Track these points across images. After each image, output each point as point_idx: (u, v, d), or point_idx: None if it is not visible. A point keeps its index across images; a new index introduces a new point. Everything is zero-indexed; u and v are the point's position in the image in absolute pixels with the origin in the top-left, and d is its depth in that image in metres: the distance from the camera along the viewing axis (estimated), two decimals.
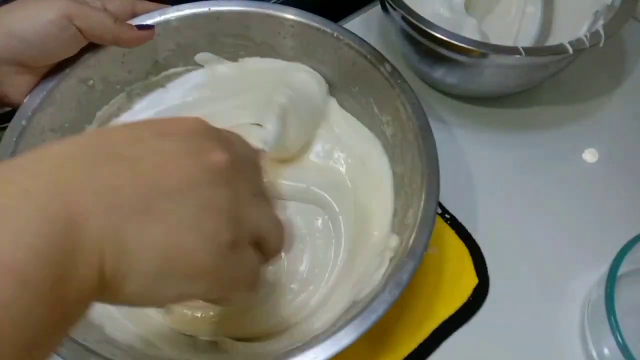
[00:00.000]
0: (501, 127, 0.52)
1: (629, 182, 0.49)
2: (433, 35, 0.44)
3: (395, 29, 0.49)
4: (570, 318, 0.42)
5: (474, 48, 0.43)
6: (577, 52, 0.43)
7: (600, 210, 0.47)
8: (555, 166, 0.50)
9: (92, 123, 0.46)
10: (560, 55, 0.44)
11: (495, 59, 0.44)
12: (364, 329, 0.32)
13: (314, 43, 0.46)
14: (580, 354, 0.41)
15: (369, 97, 0.45)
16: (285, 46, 0.47)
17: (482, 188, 0.48)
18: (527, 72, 0.48)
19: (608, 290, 0.37)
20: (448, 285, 0.43)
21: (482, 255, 0.45)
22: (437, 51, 0.45)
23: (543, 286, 0.43)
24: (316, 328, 0.37)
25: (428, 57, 0.48)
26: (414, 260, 0.35)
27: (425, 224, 0.36)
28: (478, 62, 0.45)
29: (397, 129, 0.43)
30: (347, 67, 0.45)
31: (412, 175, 0.40)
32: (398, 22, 0.47)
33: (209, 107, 0.49)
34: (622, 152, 0.51)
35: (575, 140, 0.51)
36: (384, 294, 0.34)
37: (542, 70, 0.48)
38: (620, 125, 0.52)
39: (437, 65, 0.48)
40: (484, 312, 0.42)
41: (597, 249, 0.44)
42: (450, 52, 0.45)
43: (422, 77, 0.54)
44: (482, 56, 0.44)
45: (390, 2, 0.46)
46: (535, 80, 0.50)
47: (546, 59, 0.45)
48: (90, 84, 0.45)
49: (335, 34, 0.45)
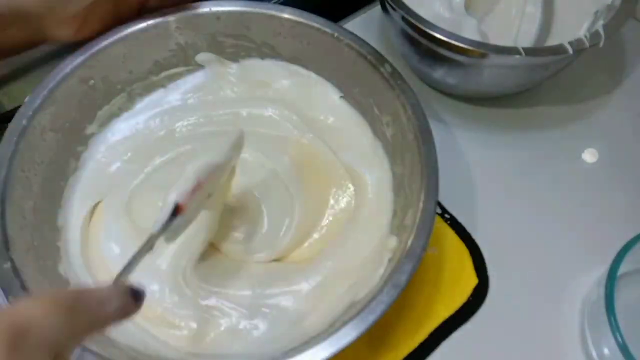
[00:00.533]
0: (501, 127, 0.52)
1: (629, 182, 0.49)
2: (432, 36, 0.44)
3: (395, 29, 0.49)
4: (570, 318, 0.42)
5: (474, 48, 0.43)
6: (577, 52, 0.43)
7: (600, 210, 0.47)
8: (555, 166, 0.50)
9: (92, 123, 0.46)
10: (560, 56, 0.44)
11: (495, 59, 0.44)
12: (362, 330, 0.32)
13: (314, 43, 0.46)
14: (580, 354, 0.41)
15: (369, 98, 0.46)
16: (286, 46, 0.47)
17: (482, 188, 0.48)
18: (527, 72, 0.48)
19: (608, 290, 0.37)
20: (448, 285, 0.43)
21: (482, 255, 0.45)
22: (436, 51, 0.45)
23: (543, 286, 0.43)
24: (314, 328, 0.37)
25: (428, 58, 0.48)
26: (412, 261, 0.35)
27: (425, 225, 0.36)
28: (478, 62, 0.45)
29: (397, 130, 0.43)
30: (347, 67, 0.45)
31: (412, 175, 0.40)
32: (398, 22, 0.47)
33: (209, 108, 0.49)
34: (622, 152, 0.50)
35: (575, 140, 0.51)
36: (382, 295, 0.34)
37: (542, 70, 0.48)
38: (620, 125, 0.52)
39: (437, 65, 0.48)
40: (484, 312, 0.42)
41: (597, 249, 0.44)
42: (450, 53, 0.45)
43: (422, 78, 0.54)
44: (481, 56, 0.44)
45: (390, 2, 0.46)
46: (535, 80, 0.50)
47: (546, 59, 0.45)
48: (91, 83, 0.45)
49: (335, 34, 0.45)
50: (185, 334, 0.39)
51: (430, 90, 0.54)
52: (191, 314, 0.40)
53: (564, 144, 0.51)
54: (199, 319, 0.40)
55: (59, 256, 0.41)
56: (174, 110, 0.49)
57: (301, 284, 0.41)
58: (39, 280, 0.37)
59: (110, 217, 0.44)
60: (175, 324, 0.40)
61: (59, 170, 0.44)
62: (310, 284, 0.41)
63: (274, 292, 0.41)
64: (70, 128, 0.44)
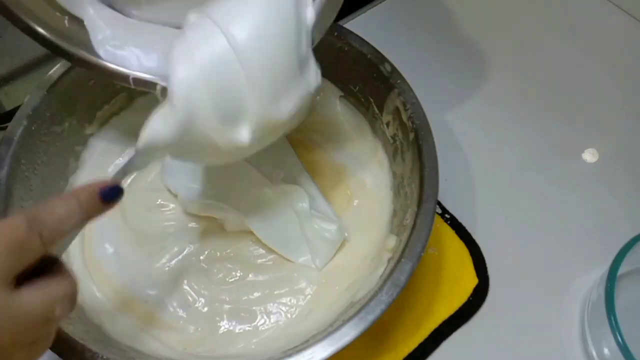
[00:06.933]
0: (501, 127, 0.52)
1: (629, 182, 0.48)
2: None
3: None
4: (570, 318, 0.42)
5: None
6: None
7: (600, 210, 0.47)
8: (555, 166, 0.50)
9: (92, 122, 0.46)
10: None
11: None
12: (362, 329, 0.33)
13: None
14: (580, 354, 0.41)
15: (369, 98, 0.45)
16: None
17: (482, 188, 0.48)
18: None
19: (608, 290, 0.37)
20: (448, 285, 0.43)
21: (482, 255, 0.45)
22: None
23: (543, 286, 0.43)
24: (314, 328, 0.37)
25: None
26: (412, 261, 0.35)
27: (424, 225, 0.36)
28: None
29: (397, 129, 0.43)
30: (347, 66, 0.45)
31: (412, 175, 0.40)
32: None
33: None
34: (622, 152, 0.50)
35: (575, 140, 0.51)
36: (381, 294, 0.34)
37: None
38: (620, 125, 0.52)
39: None
40: (484, 312, 0.42)
41: (597, 249, 0.44)
42: None
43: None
44: None
45: None
46: None
47: None
48: (91, 83, 0.45)
49: (335, 33, 0.45)
50: (185, 336, 0.39)
51: (430, 90, 0.54)
52: (191, 316, 0.40)
53: (564, 144, 0.51)
54: (199, 321, 0.40)
55: (59, 257, 0.41)
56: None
57: (301, 283, 0.41)
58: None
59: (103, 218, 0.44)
60: (175, 326, 0.40)
61: (59, 170, 0.44)
62: (310, 284, 0.41)
63: (274, 293, 0.41)
64: (70, 128, 0.44)
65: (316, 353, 0.32)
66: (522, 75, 0.55)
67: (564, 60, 0.56)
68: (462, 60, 0.56)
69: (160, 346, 0.38)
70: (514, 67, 0.56)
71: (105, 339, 0.36)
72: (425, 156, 0.39)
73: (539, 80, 0.55)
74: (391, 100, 0.43)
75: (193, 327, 0.40)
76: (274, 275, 0.42)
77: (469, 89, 0.54)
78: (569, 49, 0.57)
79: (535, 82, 0.55)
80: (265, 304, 0.40)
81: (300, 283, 0.41)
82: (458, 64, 0.56)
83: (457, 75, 0.55)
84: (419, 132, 0.40)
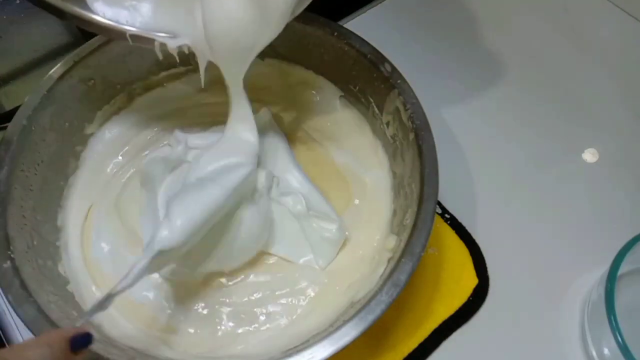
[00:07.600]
0: (501, 127, 0.52)
1: (629, 182, 0.48)
2: None
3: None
4: (570, 318, 0.42)
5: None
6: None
7: (600, 210, 0.47)
8: (555, 166, 0.50)
9: (92, 123, 0.46)
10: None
11: None
12: (362, 329, 0.33)
13: (314, 43, 0.46)
14: (580, 354, 0.41)
15: (369, 98, 0.45)
16: (286, 46, 0.47)
17: (482, 188, 0.48)
18: None
19: (608, 290, 0.37)
20: (448, 285, 0.43)
21: (482, 255, 0.45)
22: None
23: (543, 286, 0.43)
24: (314, 327, 0.37)
25: None
26: (412, 261, 0.35)
27: (425, 225, 0.36)
28: None
29: (397, 129, 0.43)
30: (348, 66, 0.45)
31: (412, 175, 0.40)
32: None
33: (209, 108, 0.49)
34: (622, 152, 0.50)
35: (575, 140, 0.51)
36: (381, 294, 0.34)
37: None
38: (620, 125, 0.52)
39: None
40: (484, 312, 0.42)
41: (597, 249, 0.44)
42: None
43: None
44: None
45: None
46: None
47: None
48: (91, 83, 0.45)
49: (335, 33, 0.45)
50: (184, 337, 0.39)
51: (430, 90, 0.54)
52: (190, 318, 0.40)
53: (564, 144, 0.51)
54: (198, 323, 0.40)
55: (59, 256, 0.41)
56: (173, 111, 0.49)
57: (302, 283, 0.41)
58: (39, 280, 0.37)
59: (100, 216, 0.44)
60: (174, 327, 0.40)
61: (59, 170, 0.44)
62: (311, 284, 0.41)
63: (275, 293, 0.41)
64: (70, 128, 0.44)
65: (316, 353, 0.32)
66: (522, 75, 0.55)
67: (563, 60, 0.56)
68: (462, 60, 0.56)
69: (160, 346, 0.38)
70: (514, 67, 0.56)
71: (105, 339, 0.36)
72: (425, 156, 0.39)
73: (539, 80, 0.55)
74: (391, 100, 0.43)
75: (192, 329, 0.40)
76: (275, 276, 0.42)
77: (469, 88, 0.54)
78: (569, 49, 0.57)
79: (535, 82, 0.55)
80: (266, 305, 0.40)
81: (302, 283, 0.41)
82: (458, 64, 0.56)
83: (457, 75, 0.55)
84: (419, 132, 0.40)
